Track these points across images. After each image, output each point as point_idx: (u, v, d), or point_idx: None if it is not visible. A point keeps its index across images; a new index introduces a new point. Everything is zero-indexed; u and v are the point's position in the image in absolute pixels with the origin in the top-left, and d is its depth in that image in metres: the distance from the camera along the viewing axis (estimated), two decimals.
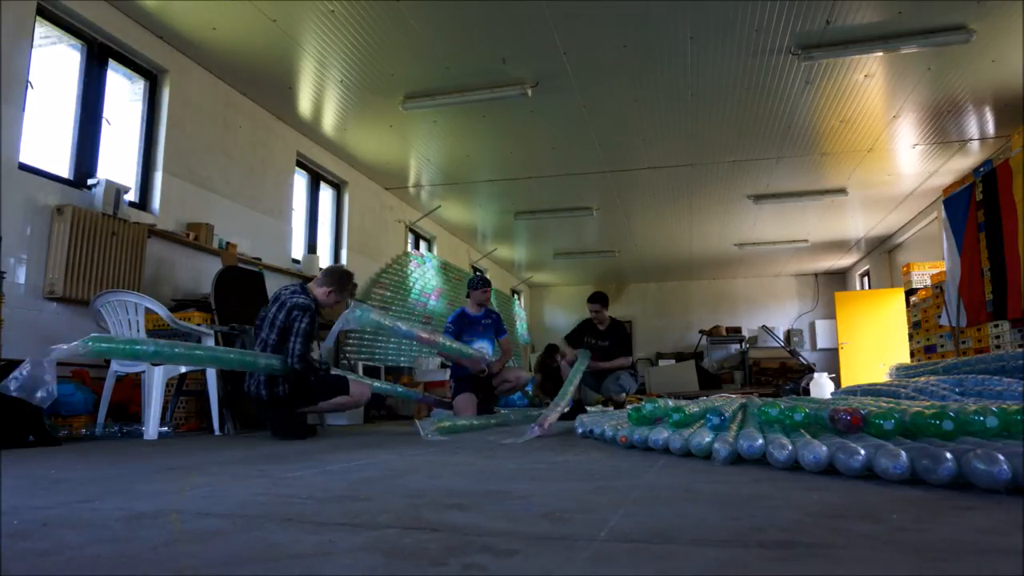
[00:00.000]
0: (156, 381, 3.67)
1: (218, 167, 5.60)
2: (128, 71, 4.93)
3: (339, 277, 3.94)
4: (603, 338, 5.93)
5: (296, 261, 6.76)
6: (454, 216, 9.84)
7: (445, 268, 9.77)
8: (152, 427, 3.55)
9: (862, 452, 1.73)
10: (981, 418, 1.95)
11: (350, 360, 6.89)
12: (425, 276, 9.09)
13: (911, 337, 7.61)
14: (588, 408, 5.87)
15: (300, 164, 6.93)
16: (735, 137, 6.84)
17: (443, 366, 7.40)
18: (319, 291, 3.85)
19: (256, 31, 4.88)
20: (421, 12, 4.65)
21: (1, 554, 0.99)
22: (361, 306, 3.67)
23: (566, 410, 4.74)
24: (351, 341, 7.16)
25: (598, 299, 5.93)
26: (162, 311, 3.81)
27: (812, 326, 13.81)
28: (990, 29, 4.78)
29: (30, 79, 4.02)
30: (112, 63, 4.75)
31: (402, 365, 8.03)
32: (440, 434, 3.49)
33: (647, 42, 5.04)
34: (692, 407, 2.90)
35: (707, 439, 2.24)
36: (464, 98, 5.83)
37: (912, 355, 7.52)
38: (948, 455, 1.54)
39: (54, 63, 4.43)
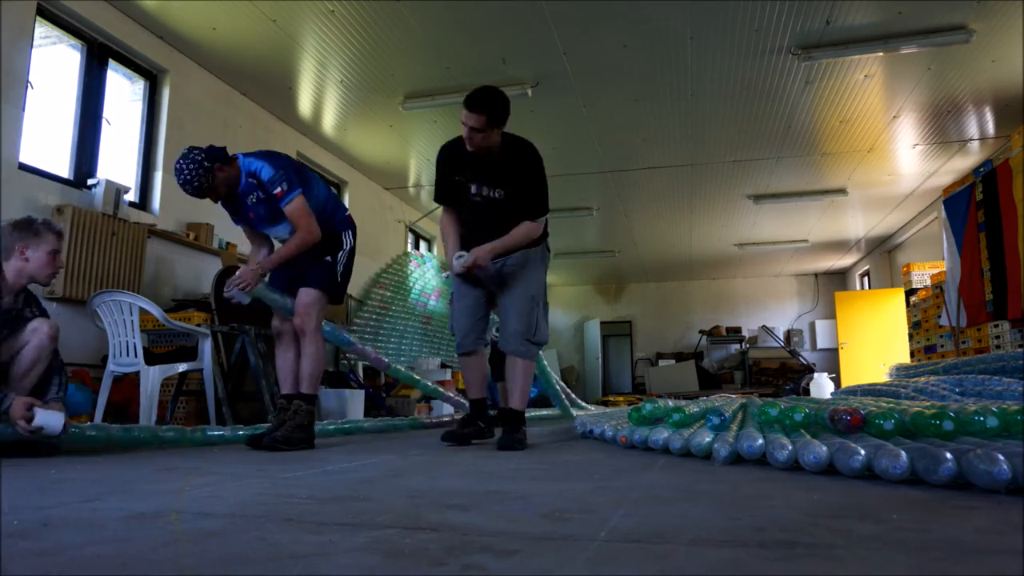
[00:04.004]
0: (149, 380, 3.66)
1: None
2: (128, 71, 4.93)
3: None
4: (492, 182, 2.96)
5: None
6: None
7: (445, 268, 9.76)
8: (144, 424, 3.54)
9: (862, 452, 1.73)
10: (981, 418, 1.95)
11: (350, 360, 6.89)
12: (425, 276, 9.08)
13: (911, 337, 7.61)
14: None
15: None
16: (735, 137, 6.84)
17: (443, 365, 7.37)
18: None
19: (256, 31, 4.88)
20: (421, 12, 4.65)
21: (1, 554, 0.99)
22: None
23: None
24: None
25: (481, 103, 2.84)
26: (156, 311, 3.79)
27: (812, 326, 13.80)
28: (990, 29, 4.78)
29: (30, 79, 4.01)
30: (112, 63, 4.75)
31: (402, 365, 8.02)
32: None
33: (647, 42, 5.04)
34: (692, 407, 2.90)
35: (707, 439, 2.24)
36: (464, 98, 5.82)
37: (912, 355, 7.52)
38: (948, 455, 1.54)
39: (54, 63, 4.43)
